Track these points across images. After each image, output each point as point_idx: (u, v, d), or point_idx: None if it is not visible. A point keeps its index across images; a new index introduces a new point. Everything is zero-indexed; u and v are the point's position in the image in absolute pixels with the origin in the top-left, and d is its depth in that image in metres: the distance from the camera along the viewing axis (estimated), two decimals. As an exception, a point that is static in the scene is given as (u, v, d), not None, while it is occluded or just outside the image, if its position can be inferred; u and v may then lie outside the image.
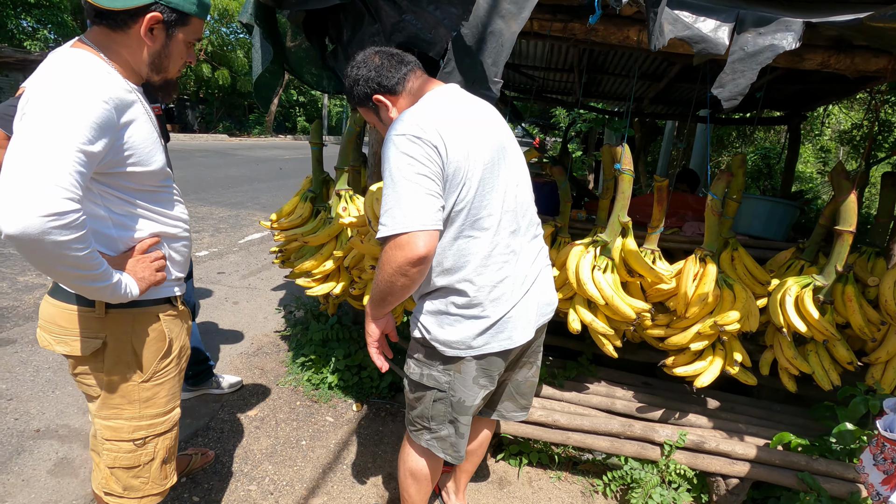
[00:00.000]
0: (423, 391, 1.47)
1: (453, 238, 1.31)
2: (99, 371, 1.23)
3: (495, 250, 1.34)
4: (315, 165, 2.66)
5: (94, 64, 1.07)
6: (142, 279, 1.18)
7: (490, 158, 1.32)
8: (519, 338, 1.41)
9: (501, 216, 1.35)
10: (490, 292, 1.34)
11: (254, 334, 3.27)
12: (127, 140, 1.10)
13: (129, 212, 1.18)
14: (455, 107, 1.33)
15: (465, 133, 1.28)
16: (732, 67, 1.79)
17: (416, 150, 1.19)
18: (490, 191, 1.32)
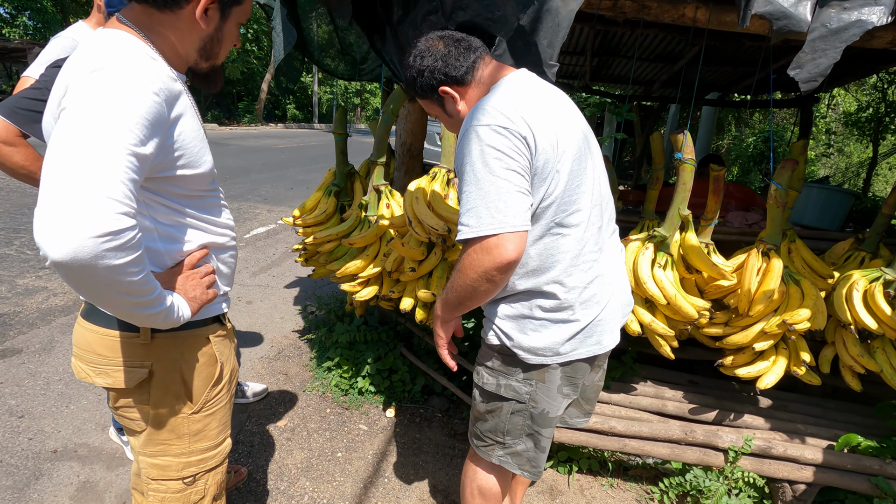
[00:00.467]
0: (498, 402, 1.34)
1: (539, 236, 1.19)
2: (144, 403, 1.08)
3: (585, 248, 1.22)
4: (339, 157, 2.48)
5: (139, 49, 0.89)
6: (193, 299, 1.02)
7: (577, 148, 1.20)
8: (608, 342, 1.30)
9: (591, 210, 1.23)
10: (581, 294, 1.22)
11: (272, 336, 3.11)
12: (177, 138, 0.93)
13: (177, 221, 1.02)
14: (537, 93, 1.20)
15: (551, 121, 1.15)
16: (812, 46, 1.64)
17: (504, 143, 1.07)
18: (579, 184, 1.20)
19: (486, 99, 1.15)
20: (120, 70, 0.83)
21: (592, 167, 1.25)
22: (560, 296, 1.21)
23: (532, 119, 1.10)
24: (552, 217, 1.17)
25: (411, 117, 2.44)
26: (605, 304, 1.27)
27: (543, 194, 1.14)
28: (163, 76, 0.90)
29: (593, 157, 1.27)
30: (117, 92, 0.81)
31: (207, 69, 1.08)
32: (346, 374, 2.61)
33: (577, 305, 1.22)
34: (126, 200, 0.77)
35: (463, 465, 2.18)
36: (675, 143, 1.92)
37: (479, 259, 1.08)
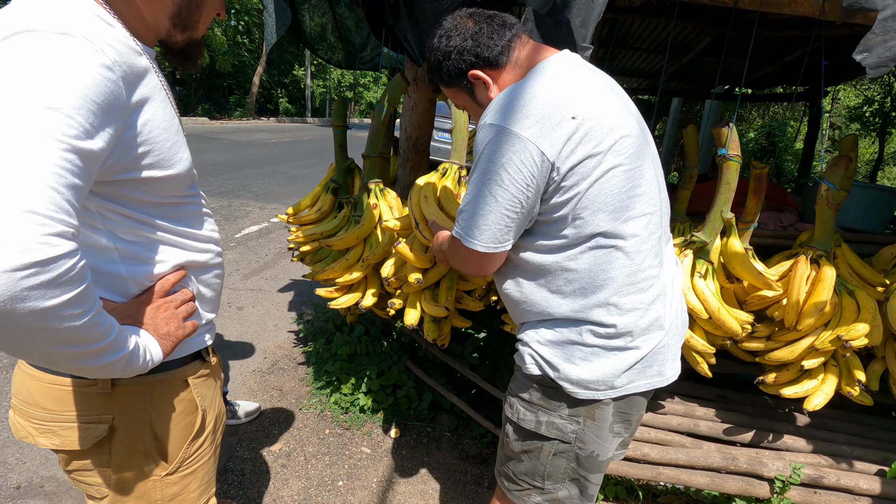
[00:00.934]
0: (537, 442, 1.13)
1: (587, 248, 0.99)
2: (104, 466, 0.86)
3: (644, 262, 1.02)
4: (338, 152, 2.26)
5: (86, 10, 0.67)
6: (166, 335, 0.80)
7: (634, 144, 0.99)
8: (670, 372, 1.10)
9: (650, 217, 1.02)
10: (641, 317, 1.02)
11: (265, 346, 2.88)
12: (141, 130, 0.71)
13: (144, 237, 0.80)
14: (583, 80, 0.99)
15: (602, 114, 0.95)
16: (884, 26, 1.43)
17: (515, 150, 0.92)
18: (636, 184, 0.99)
19: (516, 87, 0.97)
20: (55, 33, 0.61)
21: (652, 165, 1.04)
22: (616, 319, 1.00)
23: (574, 114, 0.93)
24: (602, 225, 0.97)
25: (417, 109, 2.22)
26: (668, 328, 1.07)
27: (580, 197, 0.95)
28: (120, 46, 0.67)
29: (651, 153, 1.06)
30: (50, 62, 0.59)
31: (183, 43, 0.86)
32: (347, 390, 2.39)
33: (636, 330, 1.02)
34: (59, 215, 0.55)
35: (476, 493, 2.00)
36: (717, 137, 1.72)
37: (458, 258, 1.09)
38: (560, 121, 0.92)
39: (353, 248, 1.91)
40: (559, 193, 0.95)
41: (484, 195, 0.97)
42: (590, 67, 1.06)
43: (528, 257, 1.05)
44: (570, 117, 0.92)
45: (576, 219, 0.96)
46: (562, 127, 0.91)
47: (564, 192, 0.94)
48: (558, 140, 0.91)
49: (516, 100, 0.95)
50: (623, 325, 1.01)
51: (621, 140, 0.95)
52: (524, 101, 0.94)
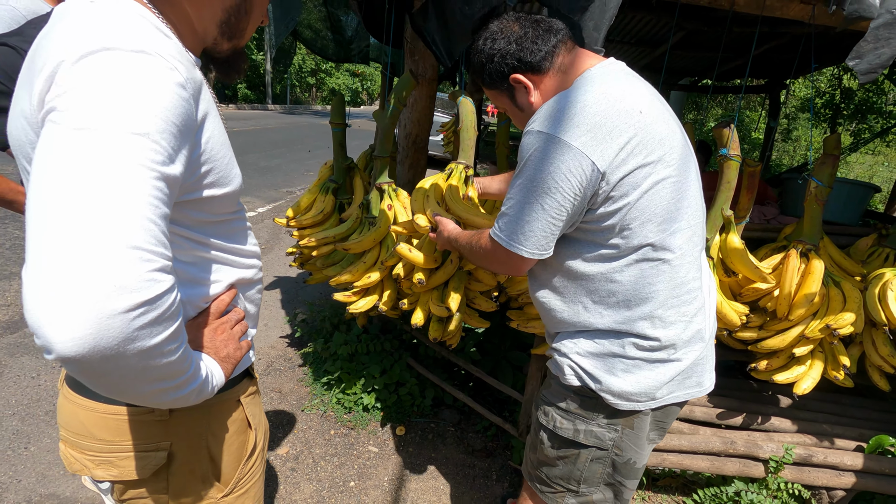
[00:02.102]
0: (573, 449, 1.15)
1: (633, 260, 1.00)
2: (161, 493, 0.83)
3: (689, 275, 1.05)
4: (337, 150, 2.21)
5: (146, 21, 0.63)
6: (226, 358, 0.78)
7: (681, 156, 1.01)
8: (708, 382, 1.14)
9: (694, 229, 1.06)
10: (685, 329, 1.05)
11: (259, 347, 2.82)
12: (205, 147, 0.69)
13: (201, 257, 0.77)
14: (633, 89, 1.00)
15: (653, 124, 0.96)
16: (876, 34, 1.52)
17: (564, 159, 0.93)
18: (682, 197, 1.01)
19: (564, 96, 0.97)
20: (132, 52, 0.57)
21: (696, 176, 1.07)
22: (660, 332, 1.03)
23: (618, 127, 0.93)
24: (650, 237, 0.99)
25: (418, 106, 2.20)
26: (708, 339, 1.11)
27: (629, 209, 0.96)
28: (185, 61, 0.64)
29: (694, 163, 1.09)
30: (133, 84, 0.55)
31: (229, 52, 0.82)
32: (349, 390, 2.38)
33: (679, 343, 1.05)
34: (159, 249, 0.53)
35: (486, 486, 2.03)
36: (719, 137, 1.78)
37: (494, 259, 1.10)
38: (612, 130, 0.92)
39: (369, 251, 1.89)
40: (608, 203, 0.96)
41: (530, 202, 0.97)
42: (636, 76, 1.07)
43: (574, 266, 1.05)
44: (622, 127, 0.93)
45: (624, 229, 0.98)
46: (613, 137, 0.92)
47: (614, 201, 0.95)
48: (610, 150, 0.92)
49: (567, 108, 0.95)
50: (667, 338, 1.03)
51: (671, 151, 0.97)
52: (575, 110, 0.94)
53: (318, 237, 2.00)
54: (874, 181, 10.54)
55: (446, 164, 1.96)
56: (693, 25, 3.56)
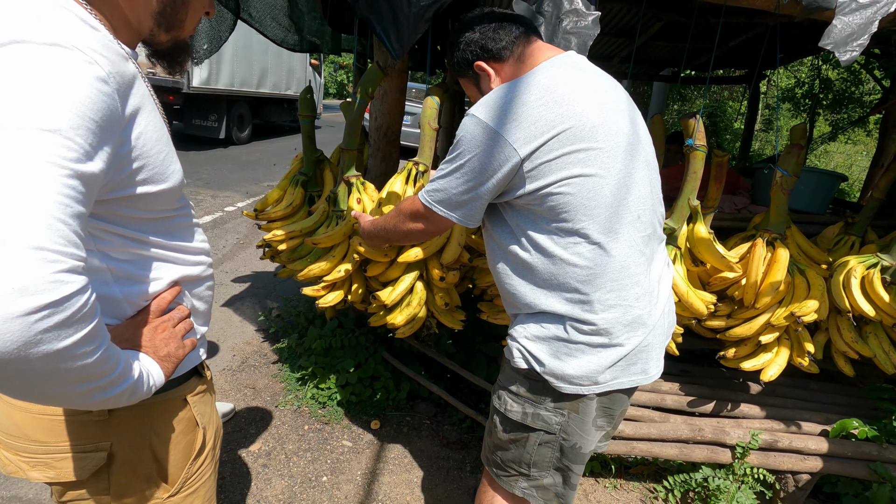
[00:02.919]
0: (523, 432, 1.18)
1: (571, 243, 1.04)
2: (102, 494, 0.82)
3: (630, 260, 1.06)
4: (306, 142, 2.18)
5: (68, 13, 0.61)
6: (166, 357, 0.76)
7: (627, 146, 1.04)
8: (654, 370, 1.15)
9: (639, 215, 1.07)
10: (624, 314, 1.07)
11: (233, 343, 2.79)
12: (135, 143, 0.66)
13: (138, 255, 0.75)
14: (576, 82, 1.03)
15: (582, 115, 0.99)
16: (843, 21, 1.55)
17: (490, 145, 1.00)
18: (626, 185, 1.04)
19: (510, 87, 1.02)
20: (45, 44, 0.55)
21: (644, 164, 1.08)
22: (599, 317, 1.05)
23: (550, 113, 0.98)
24: (584, 221, 1.01)
25: (388, 97, 2.17)
26: (653, 326, 1.12)
27: (562, 197, 1.00)
28: (109, 54, 0.62)
29: (644, 152, 1.10)
30: (43, 79, 0.53)
31: (168, 44, 0.79)
32: (324, 385, 2.36)
33: (619, 328, 1.07)
34: (68, 249, 0.51)
35: (460, 477, 2.05)
36: (686, 128, 1.79)
37: (411, 217, 1.19)
38: (536, 120, 0.97)
39: (338, 245, 1.87)
40: (530, 182, 1.00)
41: (456, 176, 1.05)
42: (588, 68, 1.10)
43: (515, 250, 1.09)
44: (547, 117, 0.97)
45: (560, 213, 1.01)
46: (537, 126, 0.97)
47: (534, 181, 1.00)
48: (531, 136, 0.97)
49: (504, 98, 1.00)
50: (604, 322, 1.05)
51: (607, 139, 1.00)
52: (508, 99, 0.99)
53: (285, 230, 1.97)
54: (853, 170, 10.73)
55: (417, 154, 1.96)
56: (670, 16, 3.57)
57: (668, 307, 1.20)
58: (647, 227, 1.09)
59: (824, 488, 2.08)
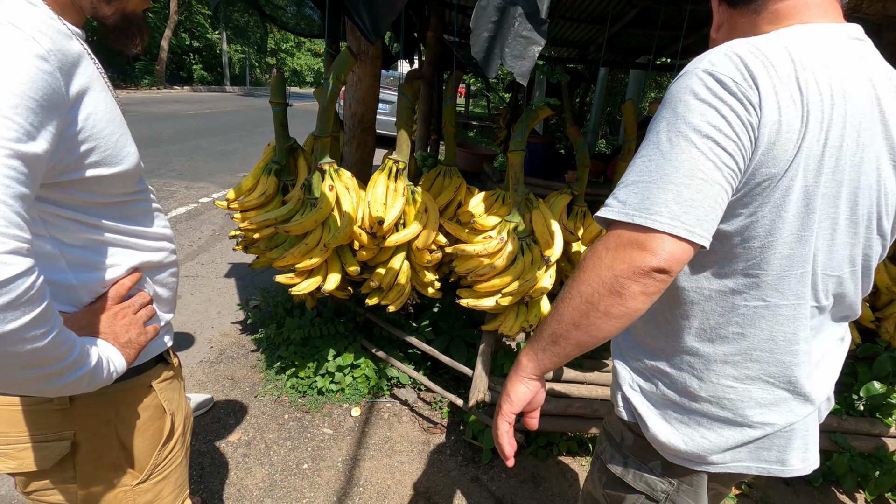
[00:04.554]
0: (622, 493, 0.94)
1: (718, 290, 0.78)
2: (69, 483, 0.81)
3: (798, 326, 0.77)
4: (279, 130, 2.15)
5: None
6: (127, 343, 0.76)
7: (852, 162, 0.71)
8: (796, 463, 0.84)
9: (833, 272, 0.77)
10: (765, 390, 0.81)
11: (210, 335, 2.76)
12: (83, 125, 0.65)
13: (93, 240, 0.74)
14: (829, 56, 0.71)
15: (831, 106, 0.69)
16: None
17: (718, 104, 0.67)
18: (827, 218, 0.73)
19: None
20: None
21: (871, 205, 0.75)
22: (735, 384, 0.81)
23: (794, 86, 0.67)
24: (755, 263, 0.74)
25: (361, 84, 2.15)
26: (806, 414, 0.83)
27: (753, 215, 0.71)
28: (50, 31, 0.60)
29: (882, 186, 0.74)
30: None
31: (114, 17, 0.77)
32: (303, 374, 2.36)
33: (754, 405, 0.81)
34: (10, 230, 0.50)
35: (440, 461, 2.07)
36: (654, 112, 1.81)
37: (619, 256, 0.69)
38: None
39: (311, 233, 1.86)
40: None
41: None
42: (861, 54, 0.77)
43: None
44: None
45: (731, 241, 0.78)
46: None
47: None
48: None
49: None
50: (740, 394, 0.81)
51: (832, 148, 0.73)
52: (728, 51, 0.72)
53: (258, 219, 1.95)
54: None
55: (395, 144, 1.98)
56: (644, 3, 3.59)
57: (831, 388, 0.88)
58: (834, 287, 0.81)
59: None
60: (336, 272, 1.98)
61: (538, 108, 1.93)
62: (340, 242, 1.80)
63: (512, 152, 1.85)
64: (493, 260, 1.81)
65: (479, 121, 13.60)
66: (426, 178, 2.20)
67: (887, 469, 1.94)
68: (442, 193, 2.13)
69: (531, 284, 1.82)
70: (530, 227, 1.88)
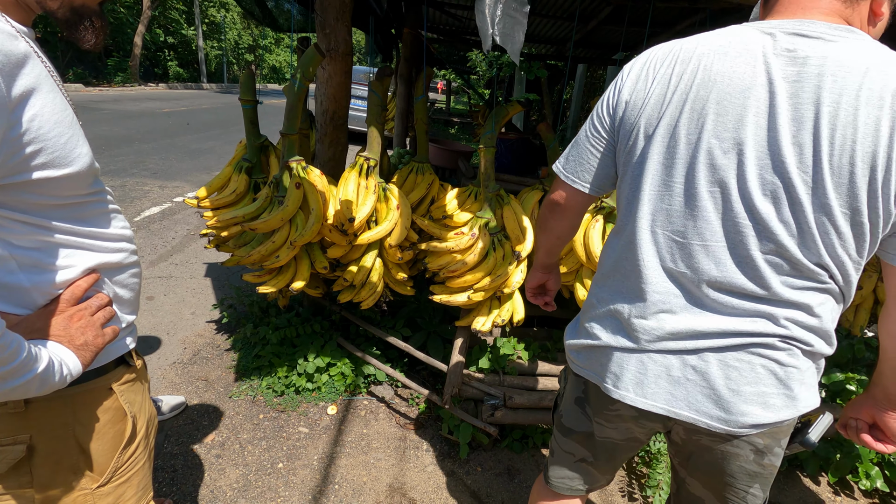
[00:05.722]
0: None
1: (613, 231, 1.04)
2: (25, 487, 0.80)
3: (637, 266, 0.92)
4: (249, 128, 2.13)
5: None
6: (83, 346, 0.75)
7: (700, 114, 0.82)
8: (610, 385, 0.95)
9: (661, 236, 0.89)
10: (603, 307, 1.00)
11: (184, 336, 2.73)
12: (28, 126, 0.64)
13: (45, 242, 0.73)
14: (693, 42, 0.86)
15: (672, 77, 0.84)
16: None
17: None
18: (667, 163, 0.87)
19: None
20: None
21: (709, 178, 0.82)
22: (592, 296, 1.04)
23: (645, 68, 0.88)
24: (626, 195, 0.94)
25: (332, 81, 2.14)
26: (624, 347, 0.92)
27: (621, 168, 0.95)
28: None
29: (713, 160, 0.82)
30: None
31: (64, 11, 0.76)
32: (279, 374, 2.35)
33: (594, 317, 1.00)
34: None
35: (416, 456, 2.08)
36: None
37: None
38: None
39: (278, 230, 1.85)
40: None
41: None
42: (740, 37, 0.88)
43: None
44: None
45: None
46: None
47: None
48: None
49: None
50: (591, 301, 1.03)
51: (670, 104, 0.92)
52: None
53: (226, 217, 1.94)
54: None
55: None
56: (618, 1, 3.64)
57: (720, 372, 0.86)
58: (732, 234, 0.89)
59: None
60: (305, 270, 1.97)
61: (509, 104, 1.95)
62: (308, 240, 1.80)
63: (483, 148, 1.87)
64: (465, 256, 1.82)
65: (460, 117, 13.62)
66: (399, 174, 2.20)
67: (847, 452, 2.02)
68: (414, 190, 2.14)
69: (503, 280, 1.84)
70: (501, 223, 1.90)
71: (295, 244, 1.78)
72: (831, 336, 0.86)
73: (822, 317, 0.83)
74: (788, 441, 0.94)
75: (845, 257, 0.79)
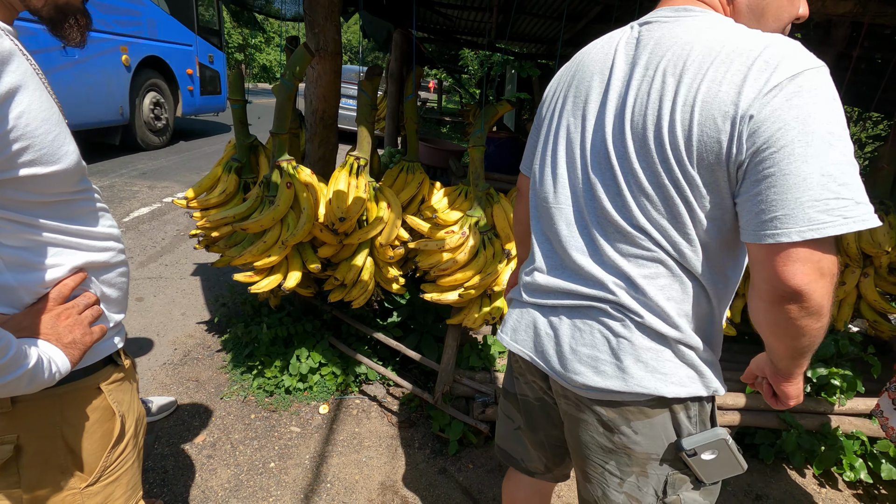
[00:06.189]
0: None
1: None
2: (13, 488, 0.80)
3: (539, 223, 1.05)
4: (238, 128, 2.13)
5: None
6: (71, 344, 0.75)
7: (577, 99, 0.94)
8: (512, 335, 1.04)
9: (566, 183, 0.97)
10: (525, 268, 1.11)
11: (174, 337, 2.71)
12: (15, 123, 0.64)
13: (32, 241, 0.73)
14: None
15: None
16: None
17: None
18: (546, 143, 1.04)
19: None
20: None
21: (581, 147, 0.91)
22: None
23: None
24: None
25: (322, 81, 2.14)
26: (534, 303, 0.99)
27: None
28: None
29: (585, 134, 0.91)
30: None
31: (48, 10, 0.76)
32: (271, 373, 2.35)
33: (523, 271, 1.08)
34: None
35: (408, 454, 2.10)
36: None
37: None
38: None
39: (269, 230, 1.85)
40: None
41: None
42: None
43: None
44: None
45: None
46: None
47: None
48: None
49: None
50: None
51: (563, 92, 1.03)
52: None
53: (216, 217, 1.93)
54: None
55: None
56: (606, 0, 3.67)
57: (567, 331, 0.93)
58: (576, 204, 1.01)
59: (745, 440, 2.26)
60: (297, 270, 1.97)
61: (498, 104, 1.96)
62: (299, 240, 1.80)
63: (472, 148, 1.88)
64: (455, 255, 1.84)
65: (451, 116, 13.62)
66: (389, 174, 2.21)
67: (831, 444, 2.05)
68: (405, 189, 2.15)
69: (493, 278, 1.86)
70: (491, 222, 1.92)
71: (287, 244, 1.78)
72: (669, 315, 0.82)
73: (648, 289, 0.82)
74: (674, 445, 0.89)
75: (664, 222, 0.80)
